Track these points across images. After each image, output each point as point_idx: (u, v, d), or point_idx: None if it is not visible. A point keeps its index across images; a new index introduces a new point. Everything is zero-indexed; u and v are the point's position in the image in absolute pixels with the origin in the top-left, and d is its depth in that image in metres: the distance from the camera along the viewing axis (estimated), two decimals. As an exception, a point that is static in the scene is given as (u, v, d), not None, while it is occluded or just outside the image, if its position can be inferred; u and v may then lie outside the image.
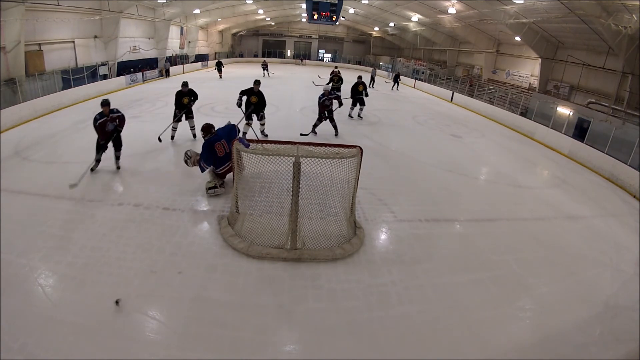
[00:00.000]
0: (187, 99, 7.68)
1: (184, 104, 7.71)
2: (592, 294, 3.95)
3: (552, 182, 7.78)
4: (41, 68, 12.28)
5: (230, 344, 2.92)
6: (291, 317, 3.25)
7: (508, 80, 20.28)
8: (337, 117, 9.14)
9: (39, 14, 11.78)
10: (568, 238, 5.20)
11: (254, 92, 7.85)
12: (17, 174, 5.89)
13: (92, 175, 5.98)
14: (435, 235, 4.87)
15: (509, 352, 3.06)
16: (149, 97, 13.74)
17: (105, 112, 5.86)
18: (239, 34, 37.78)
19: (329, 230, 4.38)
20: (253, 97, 7.82)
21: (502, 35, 19.16)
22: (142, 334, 3.00)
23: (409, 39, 30.39)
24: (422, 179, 6.84)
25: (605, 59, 13.89)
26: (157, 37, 20.76)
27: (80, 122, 9.53)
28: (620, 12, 10.67)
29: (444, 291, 3.73)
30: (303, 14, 29.53)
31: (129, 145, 7.62)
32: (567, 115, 11.27)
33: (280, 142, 4.62)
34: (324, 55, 40.17)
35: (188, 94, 7.73)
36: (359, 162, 4.34)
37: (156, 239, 4.25)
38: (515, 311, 3.61)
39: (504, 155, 9.43)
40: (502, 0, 14.10)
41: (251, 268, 3.85)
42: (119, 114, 6.05)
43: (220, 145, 5.41)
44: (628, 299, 3.93)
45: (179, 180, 5.95)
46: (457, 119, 13.85)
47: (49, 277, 3.56)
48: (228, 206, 5.04)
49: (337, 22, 17.14)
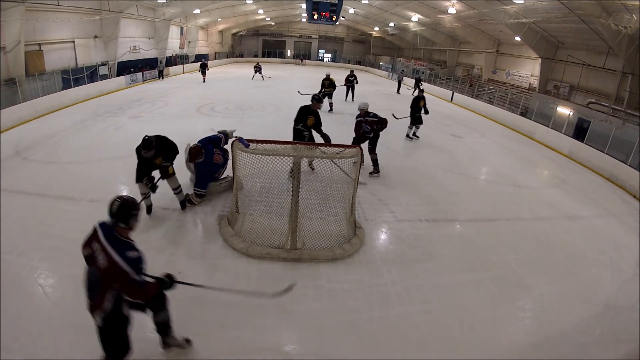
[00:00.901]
0: (159, 160, 4.51)
1: (151, 166, 4.52)
2: (592, 294, 3.95)
3: (552, 182, 7.77)
4: (41, 68, 12.28)
5: (230, 344, 2.92)
6: (291, 317, 3.25)
7: (508, 80, 20.28)
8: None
9: (39, 14, 11.78)
10: (568, 238, 5.20)
11: (311, 112, 6.00)
12: (17, 174, 5.89)
13: (92, 175, 5.97)
14: (435, 235, 4.86)
15: (509, 352, 3.06)
16: (149, 97, 13.75)
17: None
18: (239, 34, 37.79)
19: (329, 230, 4.38)
20: (310, 117, 5.99)
21: (502, 35, 19.16)
22: (142, 334, 2.99)
23: (409, 39, 30.39)
24: (422, 179, 6.84)
25: (605, 59, 13.89)
26: (157, 37, 20.77)
27: (80, 122, 9.54)
28: (620, 12, 10.67)
29: (444, 291, 3.73)
30: (303, 14, 29.52)
31: (129, 146, 7.63)
32: (567, 115, 11.27)
33: (280, 142, 4.62)
34: (324, 55, 40.17)
35: (157, 153, 4.39)
36: (359, 162, 4.34)
37: (156, 239, 4.25)
38: (515, 311, 3.61)
39: (504, 155, 9.43)
40: (502, 0, 14.10)
41: (251, 268, 3.85)
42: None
43: (216, 156, 5.29)
44: (628, 299, 3.93)
45: (179, 180, 5.94)
46: (457, 119, 13.85)
47: (49, 277, 3.56)
48: (228, 206, 5.04)
49: (337, 22, 17.16)
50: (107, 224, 2.17)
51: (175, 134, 8.18)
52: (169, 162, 4.61)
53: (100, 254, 2.06)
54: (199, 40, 27.52)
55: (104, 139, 8.10)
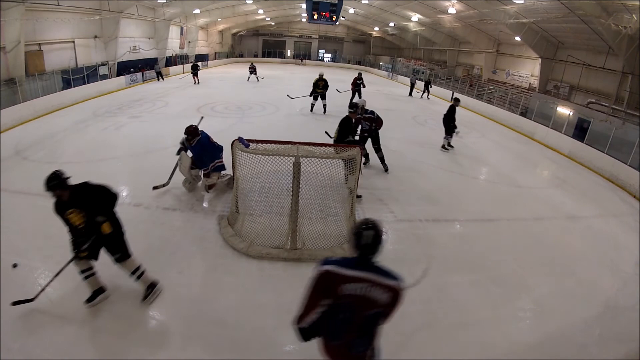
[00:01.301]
0: (102, 222, 2.96)
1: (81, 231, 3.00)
2: (592, 294, 3.95)
3: (552, 182, 7.77)
4: (41, 68, 12.29)
5: (230, 344, 2.92)
6: (291, 317, 3.24)
7: (508, 80, 20.28)
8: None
9: (39, 14, 11.79)
10: (568, 238, 5.20)
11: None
12: (17, 174, 5.89)
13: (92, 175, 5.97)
14: (435, 235, 4.86)
15: (509, 352, 3.06)
16: (149, 97, 13.75)
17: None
18: (239, 34, 37.78)
19: (329, 230, 4.38)
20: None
21: (502, 35, 19.17)
22: (142, 334, 3.00)
23: (409, 39, 30.40)
24: (422, 179, 6.84)
25: (605, 59, 13.89)
26: (157, 37, 20.76)
27: (80, 122, 9.54)
28: (620, 12, 10.67)
29: (444, 291, 3.73)
30: (303, 14, 29.52)
31: (129, 146, 7.65)
32: (567, 115, 11.27)
33: (280, 142, 4.62)
34: (324, 55, 40.17)
35: (74, 200, 2.93)
36: (359, 162, 4.34)
37: (156, 239, 4.25)
38: (515, 311, 3.61)
39: (504, 155, 9.42)
40: (502, 0, 14.10)
41: (251, 268, 3.85)
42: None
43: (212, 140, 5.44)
44: (628, 299, 3.93)
45: (179, 180, 5.95)
46: (457, 119, 13.81)
47: (49, 277, 3.55)
48: (228, 206, 5.04)
49: (337, 22, 17.16)
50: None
51: (176, 134, 8.22)
52: (103, 217, 2.94)
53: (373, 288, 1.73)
54: (199, 40, 27.52)
55: (104, 139, 8.10)
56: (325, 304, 1.77)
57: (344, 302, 1.73)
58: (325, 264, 1.76)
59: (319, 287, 1.75)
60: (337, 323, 1.78)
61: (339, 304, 1.75)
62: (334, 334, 1.82)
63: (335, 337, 1.83)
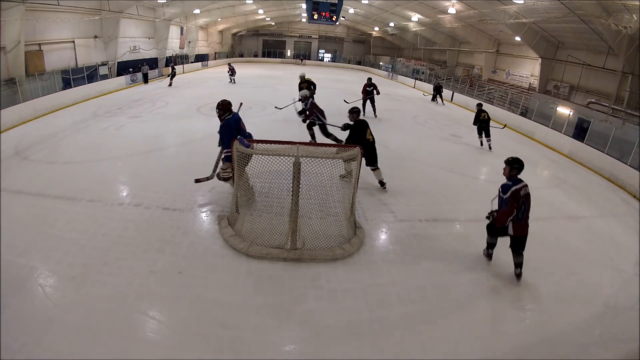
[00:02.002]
0: None
1: None
2: (592, 294, 3.95)
3: (552, 182, 7.77)
4: (41, 68, 12.29)
5: (230, 344, 2.92)
6: (291, 317, 3.25)
7: (508, 80, 20.29)
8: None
9: (39, 14, 11.79)
10: (568, 238, 5.20)
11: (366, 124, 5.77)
12: (17, 174, 5.89)
13: (92, 175, 5.97)
14: (435, 235, 4.86)
15: (509, 352, 3.06)
16: (149, 97, 13.75)
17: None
18: (239, 34, 37.79)
19: (329, 230, 4.38)
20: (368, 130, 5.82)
21: (502, 35, 19.17)
22: (142, 334, 3.00)
23: (409, 39, 30.41)
24: (422, 179, 6.84)
25: (605, 59, 13.89)
26: (157, 37, 20.78)
27: (81, 122, 9.54)
28: (620, 12, 10.68)
29: (444, 291, 3.73)
30: (303, 14, 29.53)
31: (129, 146, 7.65)
32: (567, 115, 11.27)
33: (280, 142, 4.62)
34: (324, 55, 40.18)
35: None
36: (359, 162, 4.34)
37: (156, 239, 4.25)
38: (515, 311, 3.61)
39: (504, 155, 9.35)
40: (502, 0, 14.11)
41: (251, 268, 3.85)
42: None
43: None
44: (628, 299, 3.93)
45: (179, 180, 5.95)
46: (457, 119, 13.84)
47: (48, 277, 3.56)
48: (228, 206, 5.04)
49: (337, 22, 17.17)
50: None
51: (176, 134, 8.24)
52: None
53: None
54: (199, 40, 27.53)
55: (104, 139, 8.10)
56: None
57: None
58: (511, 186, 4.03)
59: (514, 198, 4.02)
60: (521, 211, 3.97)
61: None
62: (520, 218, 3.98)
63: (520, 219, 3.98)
